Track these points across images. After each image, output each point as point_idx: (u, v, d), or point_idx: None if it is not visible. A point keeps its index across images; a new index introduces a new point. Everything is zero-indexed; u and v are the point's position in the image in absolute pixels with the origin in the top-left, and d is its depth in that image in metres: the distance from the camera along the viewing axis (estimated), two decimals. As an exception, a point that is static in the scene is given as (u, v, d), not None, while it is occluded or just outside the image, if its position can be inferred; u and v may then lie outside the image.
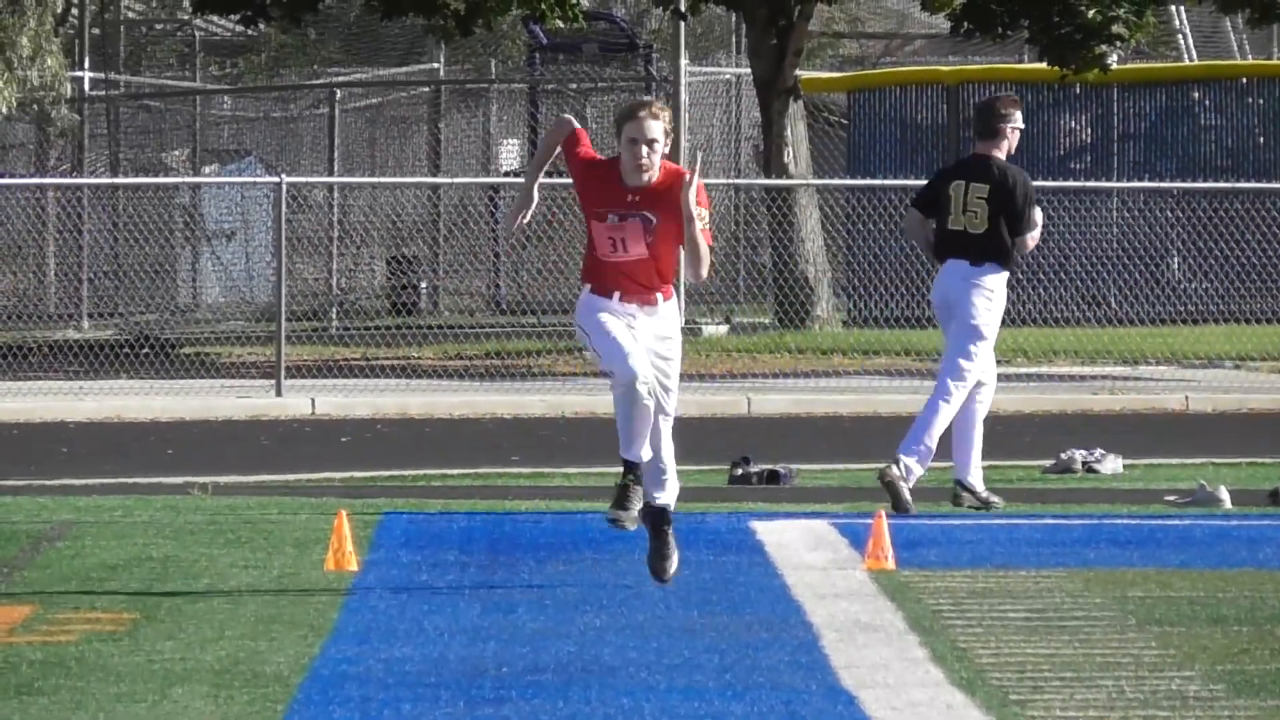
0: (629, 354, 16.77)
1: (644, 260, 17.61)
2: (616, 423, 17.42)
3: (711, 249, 17.46)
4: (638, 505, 17.56)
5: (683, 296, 34.35)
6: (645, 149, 16.67)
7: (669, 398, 17.47)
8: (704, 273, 17.18)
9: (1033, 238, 27.28)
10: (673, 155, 19.40)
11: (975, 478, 27.23)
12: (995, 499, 27.20)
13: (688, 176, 16.93)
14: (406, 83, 65.81)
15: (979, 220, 27.04)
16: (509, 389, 42.61)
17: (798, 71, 53.01)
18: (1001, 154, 27.17)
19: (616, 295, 17.32)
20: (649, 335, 17.64)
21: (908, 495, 26.58)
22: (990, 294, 26.78)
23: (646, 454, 17.19)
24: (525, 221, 17.58)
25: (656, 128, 16.67)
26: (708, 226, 17.19)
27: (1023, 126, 27.69)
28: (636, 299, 17.48)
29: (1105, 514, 27.62)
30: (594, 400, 39.23)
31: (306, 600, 20.96)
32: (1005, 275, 28.01)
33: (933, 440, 26.80)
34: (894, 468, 26.67)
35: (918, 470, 26.85)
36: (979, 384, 27.37)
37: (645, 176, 16.86)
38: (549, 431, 35.02)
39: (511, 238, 21.80)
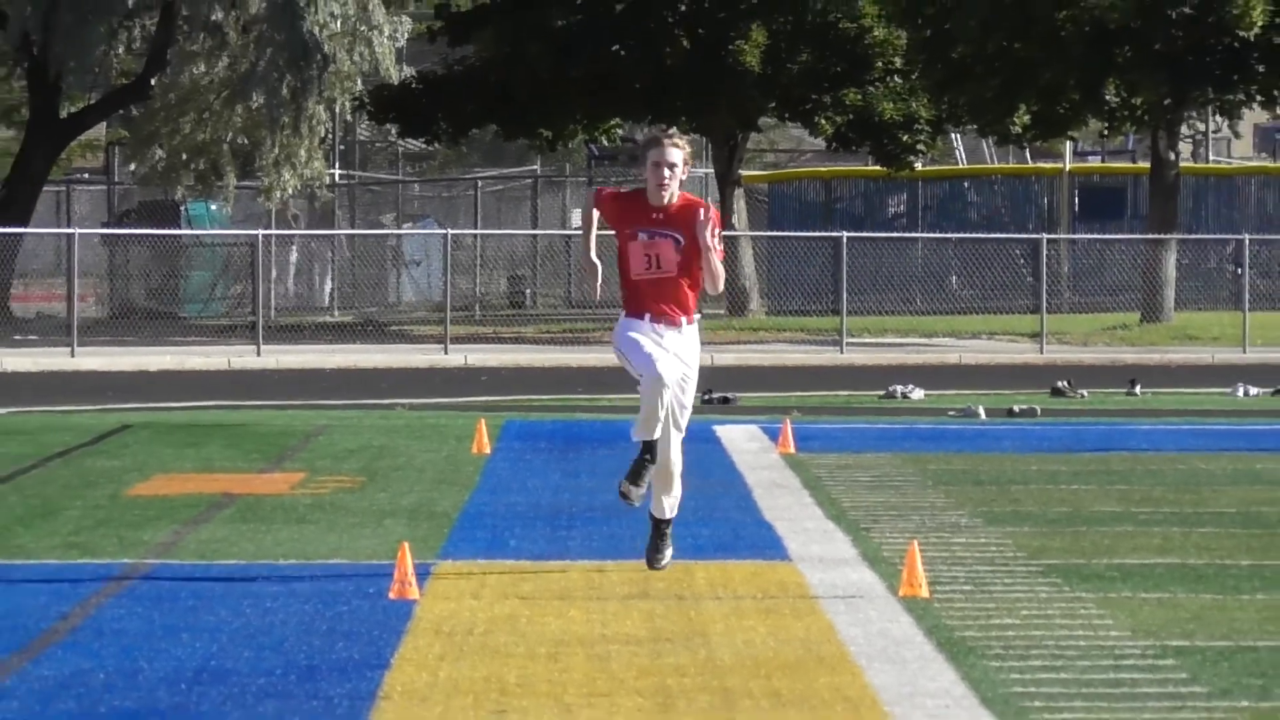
0: (657, 359, 13.53)
1: (672, 279, 13.87)
2: (639, 413, 13.87)
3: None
4: (648, 480, 14.01)
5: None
6: (667, 171, 13.58)
7: (683, 413, 13.99)
8: (720, 286, 14.18)
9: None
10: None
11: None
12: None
13: (702, 215, 13.76)
14: (517, 175, 64.75)
15: None
16: (579, 350, 41.75)
17: (740, 170, 52.08)
18: None
19: (647, 316, 13.77)
20: (673, 352, 13.84)
21: None
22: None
23: (658, 433, 13.80)
24: (600, 283, 13.99)
25: (676, 154, 13.63)
26: (719, 247, 13.98)
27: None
28: (664, 320, 13.81)
29: (913, 421, 27.14)
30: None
31: (461, 470, 20.78)
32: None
33: None
34: None
35: None
36: None
37: (665, 195, 13.64)
38: (601, 375, 34.78)
39: (597, 295, 13.63)
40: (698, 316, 14.03)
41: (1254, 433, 25.61)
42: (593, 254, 13.87)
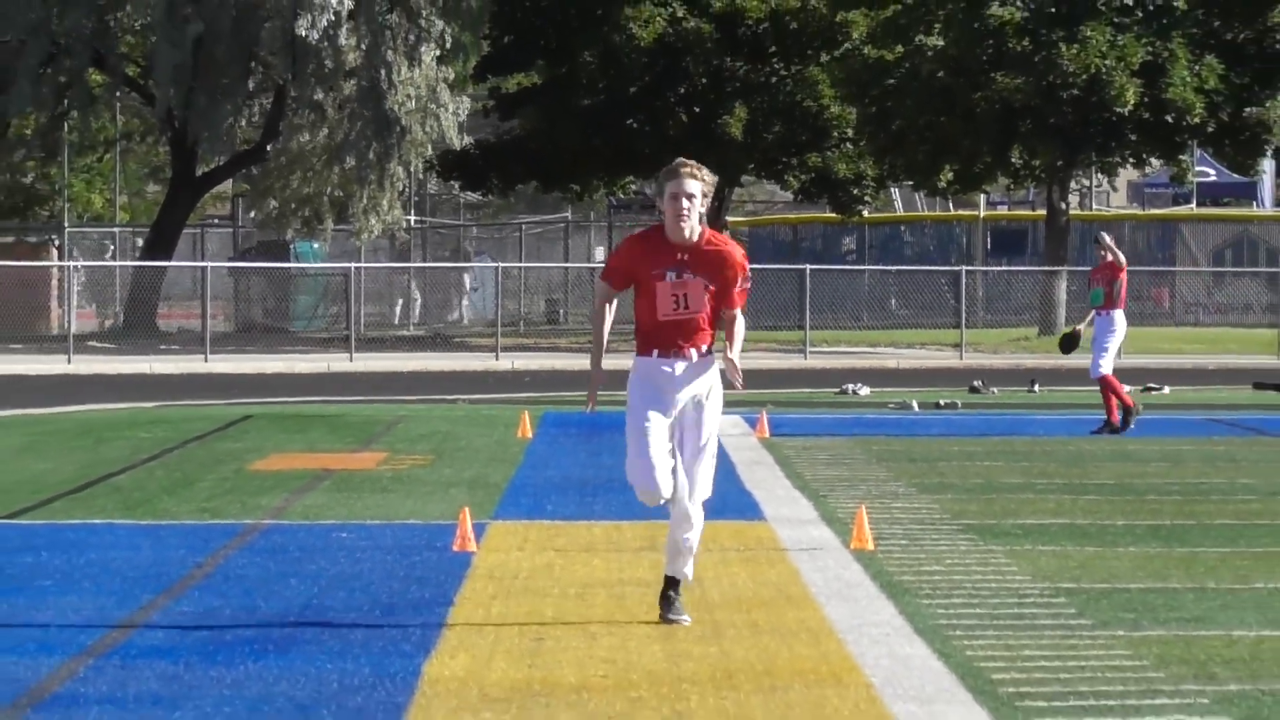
0: (657, 469, 9.90)
1: (696, 319, 10.15)
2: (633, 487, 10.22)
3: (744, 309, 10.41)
4: (680, 603, 10.24)
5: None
6: (685, 202, 10.04)
7: (701, 462, 10.07)
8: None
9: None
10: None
11: None
12: None
13: (721, 363, 10.17)
14: (553, 220, 64.74)
15: None
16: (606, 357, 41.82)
17: (726, 216, 51.83)
18: None
19: (655, 353, 10.12)
20: (688, 395, 10.12)
21: None
22: None
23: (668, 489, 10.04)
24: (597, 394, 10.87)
25: (694, 185, 10.07)
26: (747, 289, 10.34)
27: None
28: (675, 354, 10.10)
29: (862, 412, 26.99)
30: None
31: (509, 451, 20.62)
32: None
33: None
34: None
35: None
36: None
37: (685, 228, 9.99)
38: (620, 377, 34.90)
39: (590, 408, 11.03)
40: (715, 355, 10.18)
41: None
42: (601, 363, 10.58)
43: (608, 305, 10.30)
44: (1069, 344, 24.16)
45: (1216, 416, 26.31)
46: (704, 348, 9.94)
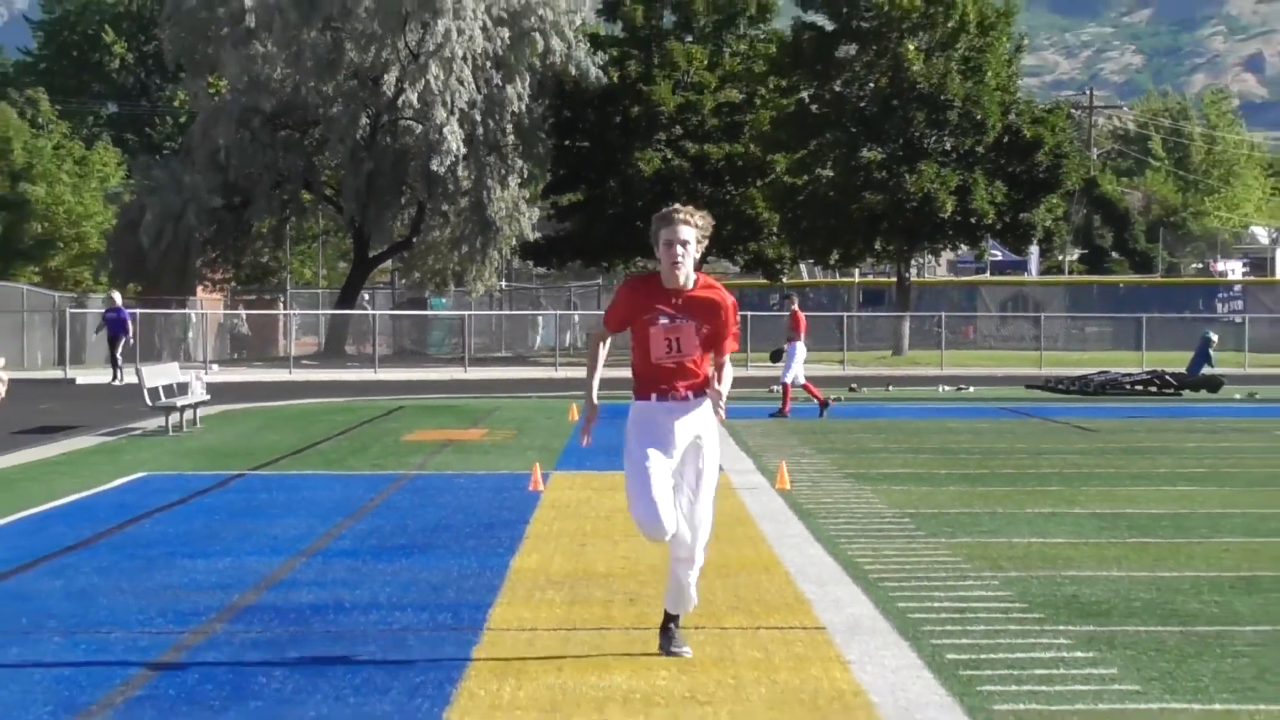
0: (660, 505, 6.58)
1: (690, 363, 6.72)
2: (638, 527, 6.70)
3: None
4: (681, 637, 6.74)
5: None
6: (680, 249, 6.64)
7: (702, 505, 6.80)
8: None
9: None
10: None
11: None
12: None
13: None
14: (589, 285, 64.23)
15: None
16: (627, 369, 41.51)
17: None
18: None
19: (654, 397, 6.78)
20: (687, 437, 6.77)
21: None
22: None
23: (671, 527, 6.61)
24: (588, 438, 7.30)
25: (689, 232, 6.68)
26: (737, 333, 6.82)
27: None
28: (674, 398, 6.72)
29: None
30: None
31: (563, 428, 20.10)
32: None
33: None
34: None
35: None
36: None
37: (680, 274, 6.65)
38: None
39: (584, 442, 7.31)
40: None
41: (946, 409, 25.30)
42: (595, 396, 7.23)
43: (601, 344, 7.11)
44: (777, 356, 24.87)
45: (1003, 406, 26.27)
46: (699, 389, 6.68)
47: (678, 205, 6.47)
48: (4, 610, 7.49)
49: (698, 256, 6.58)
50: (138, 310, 38.03)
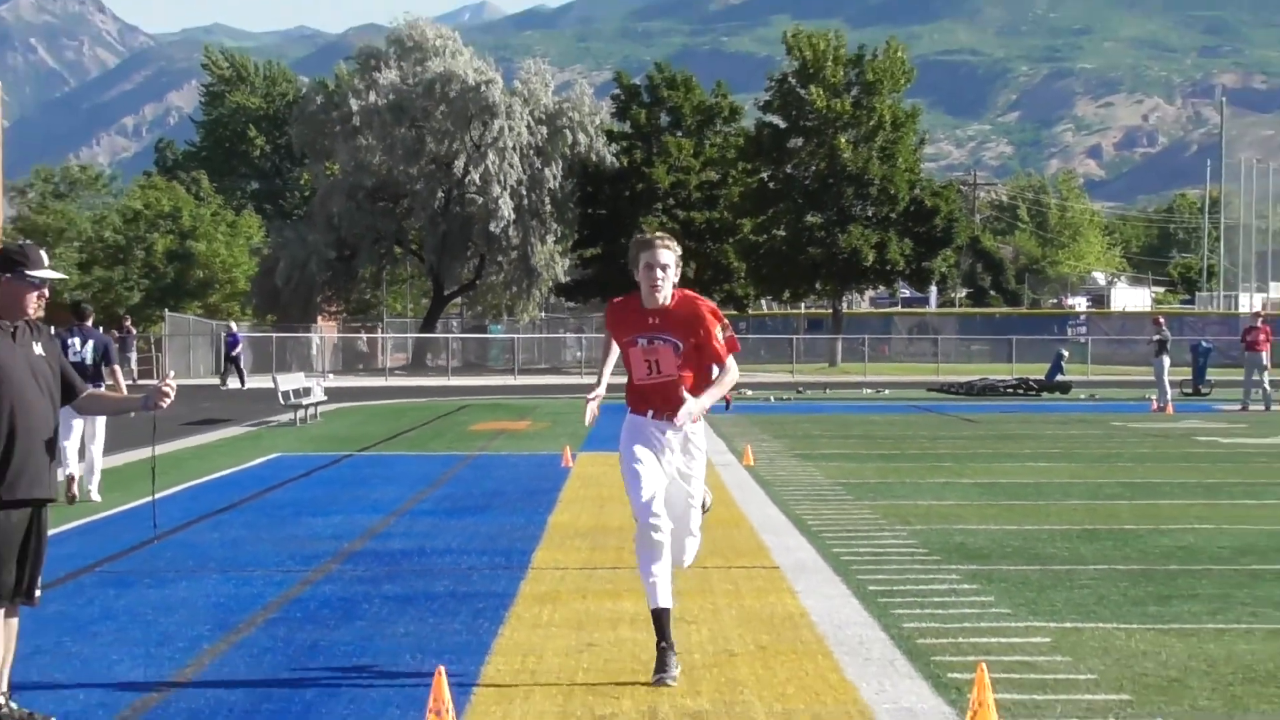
0: (652, 498, 4.70)
1: (674, 381, 4.77)
2: (637, 556, 4.76)
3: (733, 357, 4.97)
4: (676, 668, 4.61)
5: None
6: (659, 272, 4.65)
7: (693, 513, 4.94)
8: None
9: None
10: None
11: None
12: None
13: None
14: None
15: None
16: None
17: None
18: None
19: (650, 414, 4.86)
20: (677, 454, 4.89)
21: None
22: None
23: (666, 600, 4.67)
24: (590, 418, 5.65)
25: (668, 255, 4.70)
26: (730, 336, 4.91)
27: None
28: (667, 418, 4.80)
29: (748, 403, 25.56)
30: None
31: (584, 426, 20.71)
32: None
33: None
34: None
35: None
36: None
37: (659, 296, 4.71)
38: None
39: (586, 420, 5.49)
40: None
41: (869, 406, 25.06)
42: (602, 378, 5.60)
43: (612, 342, 5.30)
44: None
45: (910, 404, 26.15)
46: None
47: (658, 232, 4.98)
48: (177, 554, 7.56)
49: (675, 280, 4.91)
50: (274, 334, 38.74)
